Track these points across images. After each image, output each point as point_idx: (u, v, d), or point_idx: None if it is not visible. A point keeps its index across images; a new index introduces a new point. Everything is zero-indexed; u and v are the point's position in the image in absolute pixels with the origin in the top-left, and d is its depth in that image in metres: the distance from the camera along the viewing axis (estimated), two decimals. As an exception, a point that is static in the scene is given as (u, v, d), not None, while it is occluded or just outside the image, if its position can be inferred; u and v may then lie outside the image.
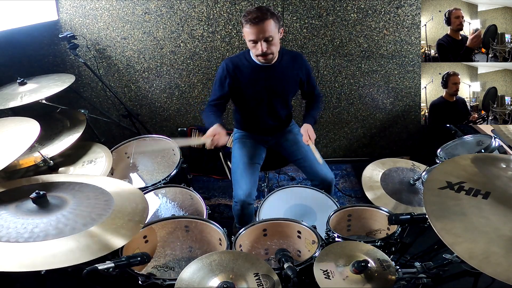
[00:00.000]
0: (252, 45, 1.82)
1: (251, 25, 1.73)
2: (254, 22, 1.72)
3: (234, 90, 1.98)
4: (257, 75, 1.94)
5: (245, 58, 1.95)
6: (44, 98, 1.91)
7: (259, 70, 1.93)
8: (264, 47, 1.78)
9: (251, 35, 1.77)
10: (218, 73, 1.97)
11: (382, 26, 2.61)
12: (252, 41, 1.79)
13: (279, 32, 1.82)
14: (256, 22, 1.72)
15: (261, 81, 1.95)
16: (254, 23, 1.73)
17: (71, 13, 2.49)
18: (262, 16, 1.73)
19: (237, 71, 1.93)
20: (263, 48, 1.79)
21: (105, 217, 1.25)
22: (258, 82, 1.95)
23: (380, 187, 1.91)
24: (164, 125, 3.02)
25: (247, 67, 1.93)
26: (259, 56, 1.85)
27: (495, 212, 1.11)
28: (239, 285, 1.19)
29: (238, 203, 1.95)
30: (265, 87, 1.97)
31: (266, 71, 1.93)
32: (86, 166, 1.91)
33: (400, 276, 1.23)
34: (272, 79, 1.96)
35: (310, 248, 1.56)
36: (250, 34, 1.76)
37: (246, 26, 1.76)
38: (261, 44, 1.78)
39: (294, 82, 2.05)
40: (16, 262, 1.04)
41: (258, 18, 1.72)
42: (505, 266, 0.95)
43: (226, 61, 1.96)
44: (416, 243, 1.65)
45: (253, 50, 1.85)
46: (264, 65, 1.91)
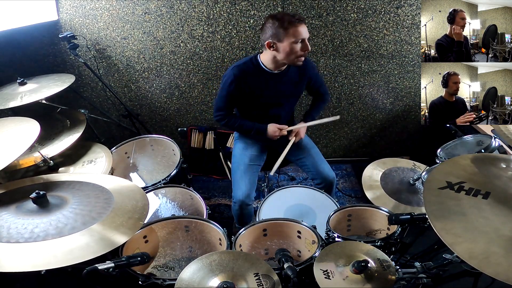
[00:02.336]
0: (298, 46, 1.76)
1: (299, 23, 1.72)
2: (301, 20, 1.73)
3: (242, 97, 1.96)
4: (267, 82, 1.92)
5: (253, 64, 1.91)
6: (44, 98, 1.91)
7: (268, 76, 1.91)
8: (309, 45, 1.79)
9: (301, 34, 1.74)
10: (226, 83, 1.90)
11: (382, 26, 2.61)
12: (301, 40, 1.76)
13: None
14: (302, 20, 1.74)
15: (270, 87, 1.94)
16: (301, 21, 1.73)
17: (71, 13, 2.49)
18: (301, 17, 1.75)
19: (246, 79, 1.90)
20: (309, 47, 1.79)
21: (105, 216, 1.25)
22: (267, 88, 1.94)
23: (380, 186, 1.91)
24: (164, 125, 3.02)
25: (257, 75, 1.90)
26: (301, 57, 1.81)
27: (495, 212, 1.11)
28: (239, 285, 1.19)
29: (237, 203, 1.95)
30: (275, 93, 1.96)
31: (275, 77, 1.92)
32: (86, 166, 1.91)
33: (400, 276, 1.23)
34: (282, 85, 1.95)
35: (310, 248, 1.56)
36: (301, 33, 1.74)
37: (294, 26, 1.71)
38: (307, 43, 1.78)
39: (301, 85, 2.04)
40: (16, 262, 1.04)
41: (298, 18, 1.73)
42: (505, 266, 0.94)
43: (234, 71, 1.89)
44: (416, 243, 1.65)
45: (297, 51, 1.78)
46: (273, 72, 1.90)
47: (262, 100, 1.98)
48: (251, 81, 1.90)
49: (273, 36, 1.76)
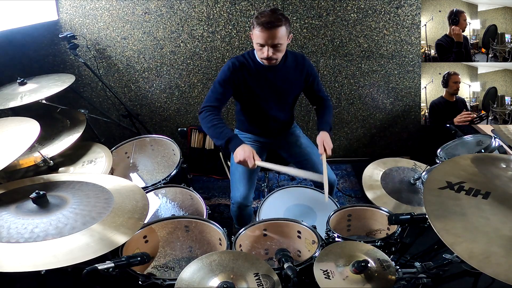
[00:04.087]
0: (259, 48, 1.78)
1: (262, 29, 1.68)
2: (266, 27, 1.67)
3: (240, 89, 1.94)
4: (262, 76, 1.92)
5: (250, 57, 1.92)
6: (44, 98, 1.91)
7: (264, 70, 1.91)
8: (270, 52, 1.75)
9: (260, 39, 1.72)
10: (223, 70, 1.90)
11: (382, 26, 2.61)
12: (260, 45, 1.75)
13: (288, 38, 1.79)
14: (268, 28, 1.67)
15: (266, 81, 1.93)
16: (266, 28, 1.68)
17: (71, 13, 2.49)
18: (275, 22, 1.68)
19: (244, 70, 1.90)
20: (269, 53, 1.75)
21: (105, 216, 1.25)
22: (263, 82, 1.93)
23: (380, 186, 1.91)
24: (164, 125, 3.02)
25: (253, 67, 1.91)
26: (263, 59, 1.82)
27: (495, 212, 1.11)
28: (239, 285, 1.19)
29: (235, 204, 1.94)
30: (270, 87, 1.95)
31: (270, 71, 1.91)
32: (86, 166, 1.91)
33: (400, 276, 1.23)
34: (277, 80, 1.94)
35: (310, 248, 1.56)
36: (259, 37, 1.72)
37: (257, 28, 1.70)
38: (268, 49, 1.75)
39: (297, 83, 2.03)
40: (16, 262, 1.04)
41: (271, 24, 1.67)
42: (505, 266, 0.95)
43: (232, 60, 1.90)
44: (416, 243, 1.65)
45: (259, 52, 1.81)
46: (268, 66, 1.89)
47: (258, 96, 1.96)
48: (247, 73, 1.90)
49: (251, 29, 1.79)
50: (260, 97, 1.98)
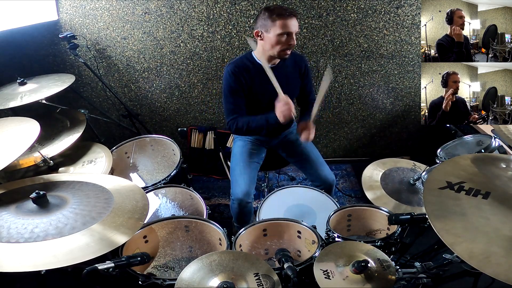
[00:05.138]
0: (282, 39, 1.77)
1: (285, 17, 1.73)
2: (289, 14, 1.74)
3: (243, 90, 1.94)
4: (263, 76, 1.91)
5: (248, 59, 1.92)
6: (44, 98, 1.91)
7: (263, 70, 1.91)
8: (295, 39, 1.79)
9: (285, 27, 1.74)
10: (226, 79, 1.90)
11: (382, 26, 2.61)
12: (286, 33, 1.76)
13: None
14: (290, 15, 1.75)
15: (267, 81, 1.93)
16: (289, 15, 1.74)
17: (71, 13, 2.49)
18: (292, 11, 1.76)
19: (244, 74, 1.90)
20: (295, 41, 1.80)
21: (105, 216, 1.25)
22: (264, 82, 1.92)
23: (380, 186, 1.91)
24: (164, 125, 3.02)
25: (252, 69, 1.91)
26: (286, 49, 1.82)
27: (495, 212, 1.11)
28: (239, 285, 1.19)
29: (236, 201, 1.94)
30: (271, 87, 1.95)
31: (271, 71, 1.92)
32: (86, 166, 1.91)
33: (400, 276, 1.23)
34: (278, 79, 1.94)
35: (310, 248, 1.56)
36: (285, 27, 1.74)
37: (279, 19, 1.73)
38: (293, 37, 1.78)
39: (297, 83, 2.04)
40: (16, 262, 1.04)
41: (289, 11, 1.75)
42: (505, 266, 0.95)
43: (229, 67, 1.89)
44: (416, 243, 1.65)
45: (279, 45, 1.79)
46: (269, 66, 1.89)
47: (260, 96, 1.97)
48: (247, 75, 1.91)
49: (262, 26, 1.80)
50: (261, 97, 1.98)
